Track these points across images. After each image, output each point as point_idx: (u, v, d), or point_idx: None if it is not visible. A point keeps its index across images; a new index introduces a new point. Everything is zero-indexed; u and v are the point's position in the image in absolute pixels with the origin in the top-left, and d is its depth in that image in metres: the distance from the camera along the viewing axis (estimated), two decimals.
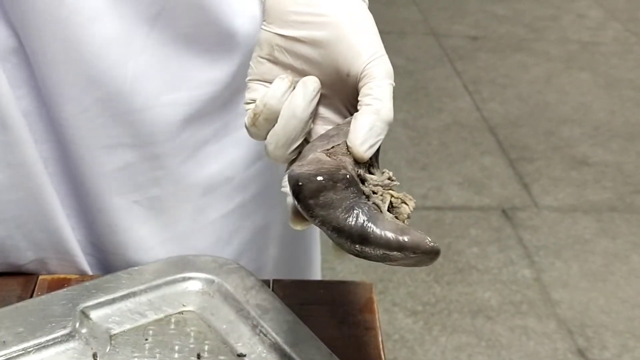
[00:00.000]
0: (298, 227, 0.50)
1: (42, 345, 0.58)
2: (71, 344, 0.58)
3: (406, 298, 2.02)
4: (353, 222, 0.45)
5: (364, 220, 0.45)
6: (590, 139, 2.80)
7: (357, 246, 0.46)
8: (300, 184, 0.46)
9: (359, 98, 0.49)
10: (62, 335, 0.58)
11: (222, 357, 0.59)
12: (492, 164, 2.61)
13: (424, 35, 3.56)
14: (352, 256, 0.47)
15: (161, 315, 0.62)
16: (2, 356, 0.56)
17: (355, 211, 0.46)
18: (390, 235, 0.45)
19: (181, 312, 0.63)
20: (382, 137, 0.49)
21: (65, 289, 0.62)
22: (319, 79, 0.51)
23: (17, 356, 0.57)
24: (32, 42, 0.60)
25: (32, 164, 0.62)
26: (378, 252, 0.46)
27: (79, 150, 0.64)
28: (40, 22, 0.59)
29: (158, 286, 0.64)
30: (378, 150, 0.51)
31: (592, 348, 1.90)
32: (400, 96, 3.02)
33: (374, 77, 0.49)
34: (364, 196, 0.47)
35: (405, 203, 0.49)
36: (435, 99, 3.02)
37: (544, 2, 4.00)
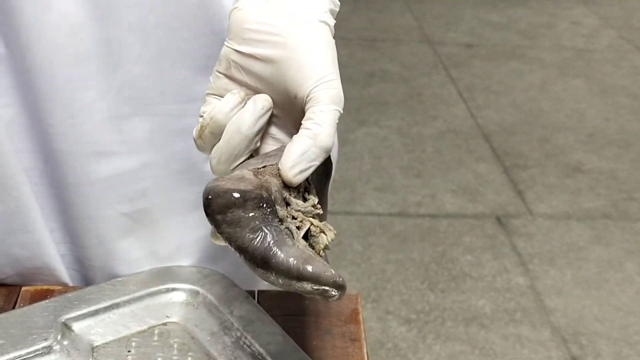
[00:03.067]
0: (217, 242, 0.49)
1: (23, 357, 0.57)
2: (53, 356, 0.58)
3: (400, 306, 2.02)
4: (258, 244, 0.44)
5: (269, 243, 0.44)
6: (584, 146, 2.80)
7: (259, 269, 0.44)
8: (209, 197, 0.45)
9: (302, 121, 0.48)
10: (43, 347, 0.58)
11: None
12: (486, 171, 2.61)
13: (419, 43, 3.56)
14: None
15: (144, 327, 0.62)
16: None
17: (262, 232, 0.44)
18: (292, 261, 0.44)
19: (165, 324, 0.62)
20: (316, 163, 0.48)
21: (47, 301, 0.62)
22: (272, 99, 0.50)
23: None
24: (19, 48, 0.59)
25: (12, 176, 0.62)
26: (279, 279, 0.44)
27: (65, 158, 0.63)
28: (28, 27, 0.58)
29: (141, 297, 0.64)
30: (326, 178, 0.51)
31: (586, 356, 1.89)
32: (394, 103, 3.02)
33: (318, 101, 0.48)
34: (277, 219, 0.46)
35: (324, 233, 0.48)
36: (429, 106, 3.02)
37: (539, 10, 4.01)
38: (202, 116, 0.52)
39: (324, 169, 0.53)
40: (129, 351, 0.59)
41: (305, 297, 0.67)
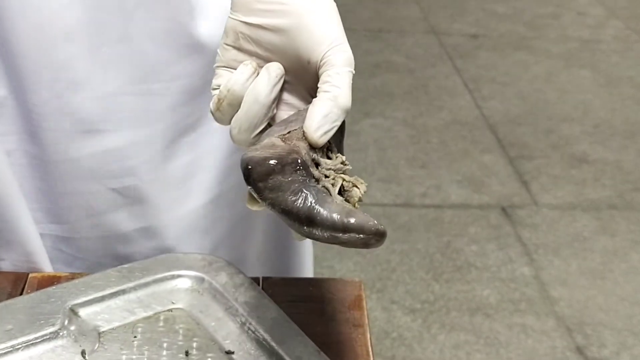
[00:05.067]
0: (254, 208, 0.51)
1: (31, 342, 0.58)
2: (60, 342, 0.58)
3: (405, 296, 2.02)
4: (301, 205, 0.46)
5: (311, 202, 0.47)
6: (590, 136, 2.79)
7: (305, 228, 0.47)
8: (249, 167, 0.47)
9: (318, 85, 0.50)
10: (50, 333, 0.58)
11: (210, 354, 0.59)
12: (491, 162, 2.61)
13: (424, 34, 3.56)
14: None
15: (150, 313, 0.62)
16: None
17: (303, 194, 0.47)
18: (336, 216, 0.46)
19: (170, 310, 0.63)
20: (337, 123, 0.50)
21: (54, 287, 0.63)
22: (283, 66, 0.52)
23: (6, 354, 0.57)
24: (3, 28, 0.60)
25: None
26: (325, 233, 0.47)
27: (51, 136, 0.64)
28: (11, 10, 0.59)
29: (147, 284, 0.64)
30: (341, 135, 0.52)
31: (590, 346, 1.90)
32: (400, 94, 3.02)
33: (333, 64, 0.50)
34: (314, 180, 0.48)
35: (357, 187, 0.50)
36: (435, 97, 3.01)
37: (544, 0, 4.00)
38: (214, 89, 0.53)
39: (340, 127, 0.55)
40: (135, 337, 0.60)
41: (309, 284, 0.68)
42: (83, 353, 0.58)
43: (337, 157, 0.51)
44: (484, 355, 1.86)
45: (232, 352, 0.59)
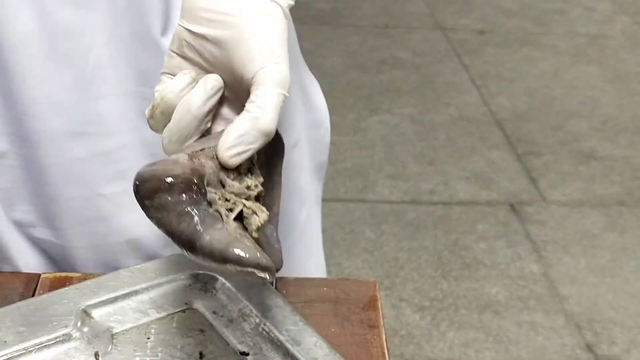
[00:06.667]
0: None
1: (44, 344, 0.57)
2: (73, 344, 0.58)
3: (413, 294, 2.02)
4: (184, 228, 0.44)
5: (195, 227, 0.44)
6: (598, 133, 2.78)
7: (187, 252, 0.45)
8: (137, 183, 0.45)
9: (245, 104, 0.48)
10: (63, 335, 0.58)
11: (224, 356, 0.58)
12: (499, 159, 2.60)
13: (431, 30, 3.55)
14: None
15: (163, 314, 0.62)
16: (3, 356, 0.56)
17: (189, 216, 0.44)
18: (216, 244, 0.44)
19: (184, 311, 0.62)
20: (254, 146, 0.48)
21: (66, 288, 0.62)
22: (223, 79, 0.50)
23: (18, 356, 0.56)
24: None
25: None
26: (205, 261, 0.44)
27: (41, 138, 0.64)
28: (4, 6, 0.59)
29: (160, 284, 0.64)
30: (278, 158, 0.50)
31: (600, 343, 1.89)
32: (407, 91, 3.01)
33: (262, 83, 0.48)
34: (206, 203, 0.46)
35: (256, 214, 0.48)
36: (442, 93, 3.00)
37: None
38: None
39: (273, 149, 0.53)
40: (149, 338, 0.60)
41: (322, 284, 0.67)
42: (96, 355, 0.57)
43: (242, 182, 0.49)
44: (493, 352, 1.85)
45: (247, 354, 0.58)
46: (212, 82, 0.50)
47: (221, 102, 0.51)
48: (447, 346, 1.86)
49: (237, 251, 0.44)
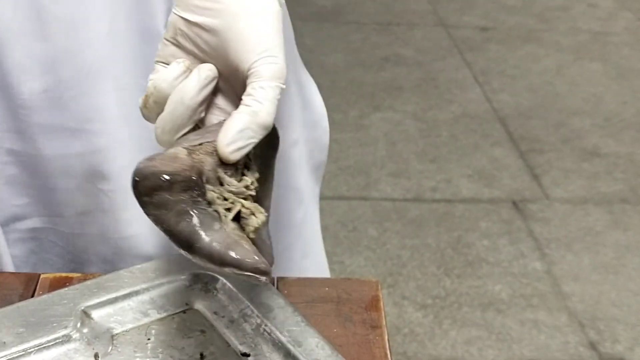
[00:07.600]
0: None
1: (43, 345, 0.57)
2: (72, 345, 0.58)
3: (416, 292, 2.01)
4: (183, 227, 0.43)
5: (194, 226, 0.43)
6: (601, 130, 2.77)
7: (185, 252, 0.44)
8: (136, 179, 0.45)
9: (242, 96, 0.47)
10: (63, 336, 0.57)
11: (225, 357, 0.58)
12: (502, 156, 2.59)
13: (434, 27, 3.54)
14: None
15: (164, 314, 0.61)
16: (2, 357, 0.56)
17: (188, 216, 0.44)
18: (215, 246, 0.43)
19: (184, 311, 0.62)
20: (254, 140, 0.47)
21: (66, 288, 0.62)
22: (218, 69, 0.49)
23: (18, 357, 0.56)
24: None
25: None
26: (203, 262, 0.43)
27: (41, 131, 0.63)
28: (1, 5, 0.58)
29: (161, 284, 0.63)
30: (272, 152, 0.49)
31: (603, 341, 1.88)
32: (409, 88, 3.00)
33: (259, 76, 0.47)
34: (205, 202, 0.45)
35: (255, 215, 0.47)
36: (444, 90, 3.00)
37: None
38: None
39: (270, 143, 0.52)
40: (149, 339, 0.59)
41: (324, 284, 0.67)
42: (96, 356, 0.57)
43: (242, 180, 0.48)
44: (496, 350, 1.85)
45: (248, 355, 0.58)
46: (206, 72, 0.49)
47: (215, 91, 0.50)
48: (449, 344, 1.86)
49: (236, 255, 0.43)
